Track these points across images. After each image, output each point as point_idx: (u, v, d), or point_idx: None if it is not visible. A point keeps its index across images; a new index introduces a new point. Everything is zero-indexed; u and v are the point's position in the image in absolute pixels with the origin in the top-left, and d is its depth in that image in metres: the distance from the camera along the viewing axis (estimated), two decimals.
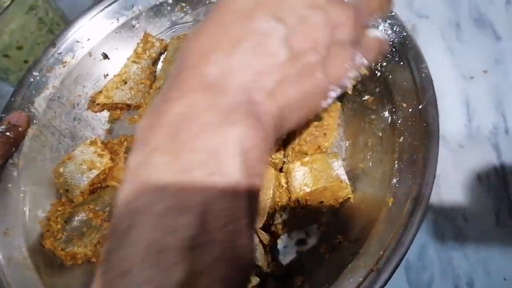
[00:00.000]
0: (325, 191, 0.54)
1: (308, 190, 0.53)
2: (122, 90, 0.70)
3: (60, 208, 0.61)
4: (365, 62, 0.34)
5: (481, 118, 0.61)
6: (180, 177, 0.25)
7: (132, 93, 0.71)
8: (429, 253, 0.54)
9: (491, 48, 0.66)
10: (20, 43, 0.69)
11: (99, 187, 0.65)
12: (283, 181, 0.58)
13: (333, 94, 0.33)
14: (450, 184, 0.57)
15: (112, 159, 0.66)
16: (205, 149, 0.25)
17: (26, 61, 0.72)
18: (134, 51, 0.73)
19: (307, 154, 0.57)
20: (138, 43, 0.73)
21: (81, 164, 0.64)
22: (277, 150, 0.59)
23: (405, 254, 0.43)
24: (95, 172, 0.63)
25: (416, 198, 0.44)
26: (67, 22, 0.77)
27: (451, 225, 0.55)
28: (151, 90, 0.72)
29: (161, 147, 0.26)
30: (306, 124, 0.57)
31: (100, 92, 0.71)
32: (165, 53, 0.74)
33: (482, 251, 0.53)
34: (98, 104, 0.70)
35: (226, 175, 0.25)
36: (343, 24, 0.31)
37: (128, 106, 0.71)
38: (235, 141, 0.26)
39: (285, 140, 0.60)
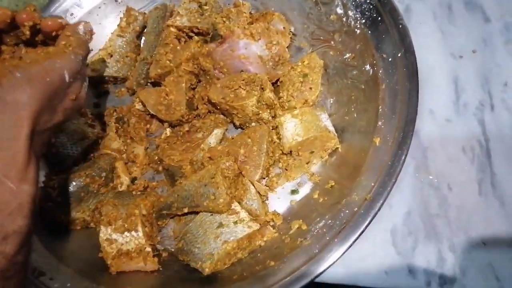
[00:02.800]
0: (315, 141, 0.57)
1: (299, 139, 0.56)
2: (109, 63, 0.71)
3: (54, 177, 0.61)
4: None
5: (468, 95, 0.64)
6: None
7: (119, 66, 0.72)
8: (414, 219, 0.57)
9: (480, 29, 0.68)
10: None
11: (92, 156, 0.66)
12: (275, 137, 0.61)
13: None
14: (437, 156, 0.60)
15: (103, 129, 0.67)
16: None
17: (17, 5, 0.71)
18: (118, 25, 0.74)
19: (295, 108, 0.60)
20: (121, 17, 0.74)
21: (73, 135, 0.64)
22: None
23: (395, 182, 0.47)
24: (87, 141, 0.64)
25: (402, 133, 0.49)
26: None
27: (436, 193, 0.58)
28: (136, 63, 0.73)
29: None
30: None
31: (87, 66, 0.71)
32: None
33: (464, 218, 0.56)
34: None
35: None
36: None
37: (115, 78, 0.72)
38: None
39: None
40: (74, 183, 0.60)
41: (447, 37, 0.69)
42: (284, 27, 0.69)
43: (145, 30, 0.75)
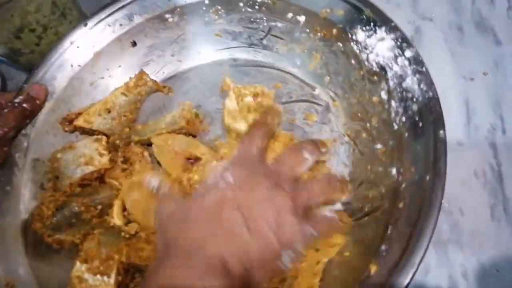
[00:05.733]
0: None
1: None
2: (104, 118, 0.67)
3: (51, 195, 0.60)
4: (315, 233, 0.44)
5: (479, 118, 0.63)
6: None
7: (113, 123, 0.67)
8: None
9: (491, 52, 0.68)
10: (33, 26, 0.68)
11: (89, 184, 0.63)
12: None
13: (287, 257, 0.42)
14: (448, 179, 0.54)
15: (111, 160, 0.64)
16: None
17: (37, 44, 0.70)
18: (125, 83, 0.69)
19: None
20: (131, 77, 0.70)
21: (80, 157, 0.62)
22: None
23: None
24: (90, 168, 0.62)
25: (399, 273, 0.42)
26: (78, 8, 0.76)
27: (447, 218, 0.57)
28: (131, 124, 0.69)
29: None
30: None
31: (80, 113, 0.67)
32: None
33: (476, 243, 0.55)
34: (74, 125, 0.66)
35: None
36: (284, 208, 0.43)
37: (105, 135, 0.67)
38: None
39: None
40: (68, 208, 0.60)
41: (458, 59, 0.68)
42: None
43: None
